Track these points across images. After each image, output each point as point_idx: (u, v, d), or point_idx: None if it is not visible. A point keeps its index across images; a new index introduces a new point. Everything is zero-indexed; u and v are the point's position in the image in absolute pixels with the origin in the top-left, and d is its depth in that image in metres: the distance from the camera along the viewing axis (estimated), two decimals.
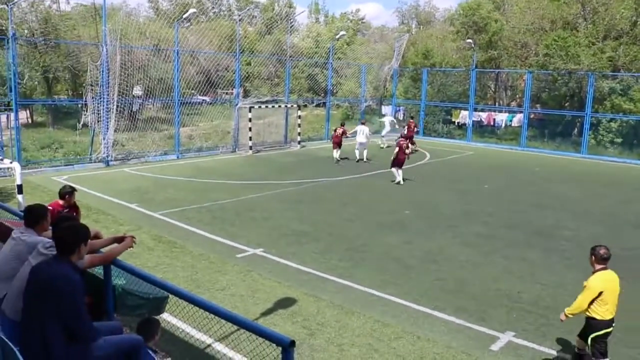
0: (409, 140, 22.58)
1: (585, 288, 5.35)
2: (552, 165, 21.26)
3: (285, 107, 24.27)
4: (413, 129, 23.31)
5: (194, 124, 25.17)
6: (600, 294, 5.26)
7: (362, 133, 20.07)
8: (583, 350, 5.63)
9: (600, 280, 5.30)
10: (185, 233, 10.41)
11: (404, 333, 6.48)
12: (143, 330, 4.37)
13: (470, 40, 29.29)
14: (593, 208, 13.85)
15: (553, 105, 27.69)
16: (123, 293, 4.66)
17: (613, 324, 5.41)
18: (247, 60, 30.38)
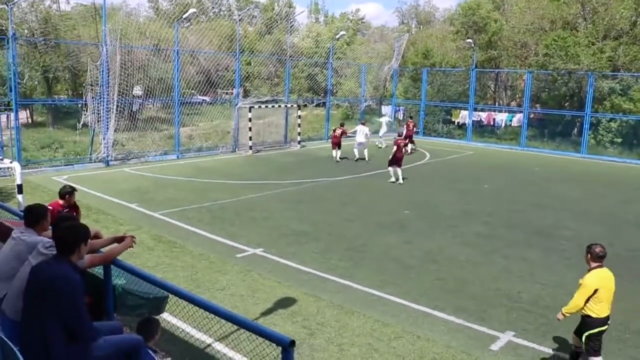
0: (409, 140, 22.84)
1: (581, 286, 5.40)
2: (551, 165, 21.26)
3: (285, 107, 24.27)
4: (412, 129, 23.33)
5: (194, 124, 25.16)
6: (596, 292, 5.30)
7: (361, 133, 20.23)
8: (580, 348, 5.65)
9: (596, 278, 5.35)
10: (185, 233, 10.42)
11: (404, 333, 6.48)
12: (143, 330, 4.38)
13: (470, 40, 29.29)
14: (593, 208, 13.86)
15: (553, 105, 27.70)
16: (123, 293, 4.66)
17: (608, 322, 5.45)
18: (247, 60, 30.38)
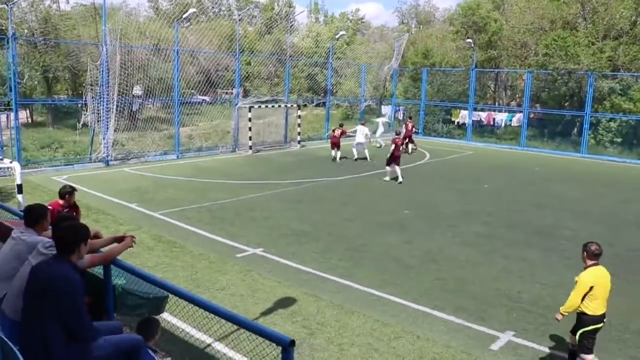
0: (408, 140, 22.90)
1: (577, 283, 5.44)
2: (551, 165, 21.26)
3: (285, 106, 24.27)
4: (411, 129, 23.34)
5: (194, 124, 25.15)
6: (591, 289, 5.34)
7: (361, 133, 20.34)
8: (576, 347, 5.67)
9: (592, 276, 5.39)
10: (185, 233, 10.42)
11: (404, 332, 6.49)
12: (143, 330, 4.38)
13: (470, 40, 29.29)
14: (593, 208, 13.86)
15: (553, 105, 27.70)
16: (123, 293, 4.66)
17: (604, 320, 5.48)
18: (247, 60, 30.37)
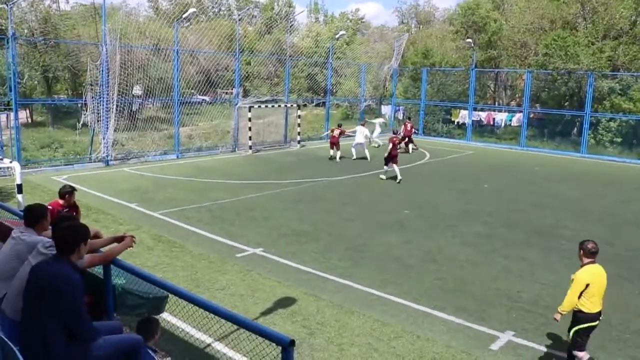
0: (408, 140, 22.94)
1: (574, 281, 5.46)
2: (551, 165, 21.26)
3: (285, 106, 24.26)
4: (410, 130, 23.35)
5: (194, 124, 25.15)
6: (587, 287, 5.36)
7: (361, 134, 20.47)
8: (569, 343, 5.69)
9: (588, 274, 5.42)
10: (185, 233, 10.42)
11: (404, 332, 6.49)
12: (143, 330, 4.38)
13: (470, 40, 29.28)
14: (593, 207, 13.86)
15: (552, 105, 27.69)
16: (123, 292, 4.66)
17: (600, 317, 5.50)
18: (246, 60, 30.37)
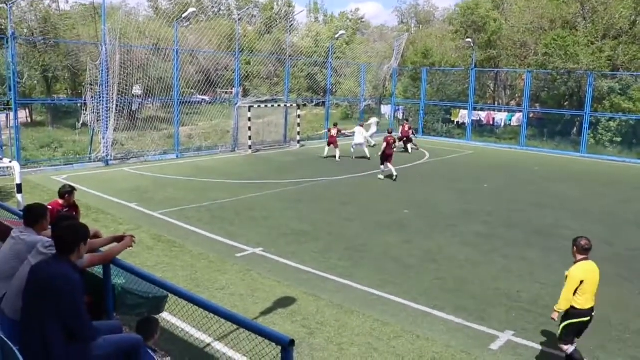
0: (407, 140, 22.97)
1: (568, 278, 5.49)
2: (551, 165, 21.27)
3: (285, 106, 24.26)
4: (408, 130, 23.35)
5: (194, 123, 25.12)
6: (581, 283, 5.39)
7: (360, 134, 20.58)
8: (557, 337, 5.73)
9: (581, 270, 5.44)
10: (185, 232, 10.42)
11: (403, 332, 6.49)
12: (142, 330, 4.38)
13: (470, 40, 29.28)
14: (592, 207, 13.86)
15: (552, 105, 27.70)
16: (123, 292, 4.67)
17: (593, 314, 5.52)
18: (246, 60, 30.34)
